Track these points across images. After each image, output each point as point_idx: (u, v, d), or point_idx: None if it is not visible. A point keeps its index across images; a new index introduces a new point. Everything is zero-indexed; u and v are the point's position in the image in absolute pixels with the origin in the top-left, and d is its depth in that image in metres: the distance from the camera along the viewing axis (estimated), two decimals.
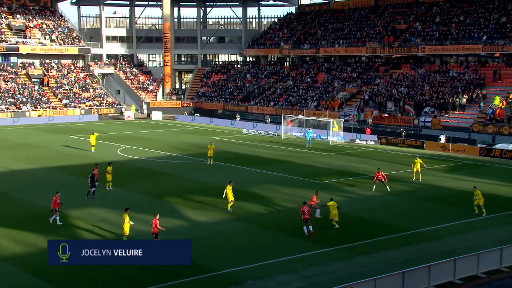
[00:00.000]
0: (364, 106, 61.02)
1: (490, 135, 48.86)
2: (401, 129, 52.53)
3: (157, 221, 21.83)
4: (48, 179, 34.94)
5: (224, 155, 43.40)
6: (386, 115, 56.78)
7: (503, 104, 51.22)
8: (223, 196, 27.59)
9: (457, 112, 54.31)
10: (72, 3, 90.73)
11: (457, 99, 54.74)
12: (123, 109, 76.82)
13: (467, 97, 55.05)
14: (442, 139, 48.28)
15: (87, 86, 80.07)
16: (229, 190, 27.14)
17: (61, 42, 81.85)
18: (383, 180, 31.59)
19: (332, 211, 24.67)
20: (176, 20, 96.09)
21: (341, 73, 71.39)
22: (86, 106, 75.20)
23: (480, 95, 54.86)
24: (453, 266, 19.00)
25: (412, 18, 70.54)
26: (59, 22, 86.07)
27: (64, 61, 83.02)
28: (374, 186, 31.89)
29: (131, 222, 22.65)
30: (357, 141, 51.68)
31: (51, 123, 68.33)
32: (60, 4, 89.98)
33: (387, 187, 31.67)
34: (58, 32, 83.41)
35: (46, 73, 78.78)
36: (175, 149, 47.11)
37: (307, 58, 79.65)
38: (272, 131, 58.62)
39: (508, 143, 45.79)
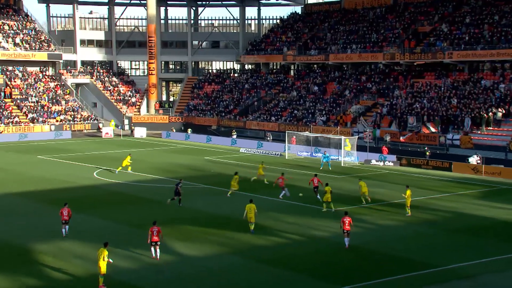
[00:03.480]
0: (381, 121, 61.12)
1: None
2: (425, 148, 52.51)
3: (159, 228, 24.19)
4: (5, 207, 34.69)
5: (218, 178, 43.28)
6: (410, 133, 56.59)
7: None
8: (244, 216, 28.77)
9: (491, 128, 54.34)
10: (40, 1, 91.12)
11: (491, 113, 54.81)
12: (100, 125, 76.91)
13: (503, 111, 55.13)
14: (474, 160, 48.24)
15: (58, 98, 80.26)
16: (250, 209, 28.58)
17: (27, 46, 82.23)
18: (316, 188, 34.52)
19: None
20: (163, 21, 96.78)
21: (354, 83, 71.66)
22: (57, 121, 75.28)
23: None
24: None
25: (438, 19, 70.99)
26: (24, 22, 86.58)
27: (30, 69, 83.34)
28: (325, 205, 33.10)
29: (110, 260, 21.86)
30: (373, 162, 51.65)
31: (15, 141, 68.21)
32: (25, 2, 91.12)
33: (318, 195, 34.03)
34: (23, 34, 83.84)
35: (9, 83, 78.97)
36: (162, 172, 46.99)
37: (315, 65, 79.99)
38: (274, 150, 58.63)
39: None
